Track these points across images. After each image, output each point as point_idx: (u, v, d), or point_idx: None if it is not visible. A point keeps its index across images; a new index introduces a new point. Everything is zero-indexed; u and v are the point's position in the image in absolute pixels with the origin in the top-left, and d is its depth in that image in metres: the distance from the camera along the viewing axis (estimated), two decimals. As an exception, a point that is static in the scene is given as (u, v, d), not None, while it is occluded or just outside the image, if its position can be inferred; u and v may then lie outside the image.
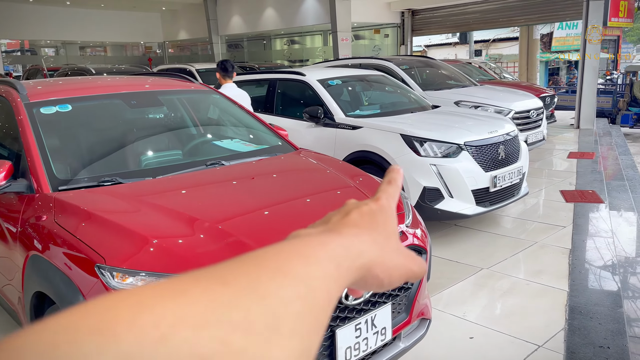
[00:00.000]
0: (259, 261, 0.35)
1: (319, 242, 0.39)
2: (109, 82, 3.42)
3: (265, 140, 3.37)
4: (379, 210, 0.47)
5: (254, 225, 2.19)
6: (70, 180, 2.49)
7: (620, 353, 2.85)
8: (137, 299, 0.28)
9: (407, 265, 0.45)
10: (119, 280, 1.86)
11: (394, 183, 0.51)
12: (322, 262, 0.37)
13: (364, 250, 0.42)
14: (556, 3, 14.44)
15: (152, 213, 2.21)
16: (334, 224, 0.44)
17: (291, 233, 0.44)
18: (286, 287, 0.33)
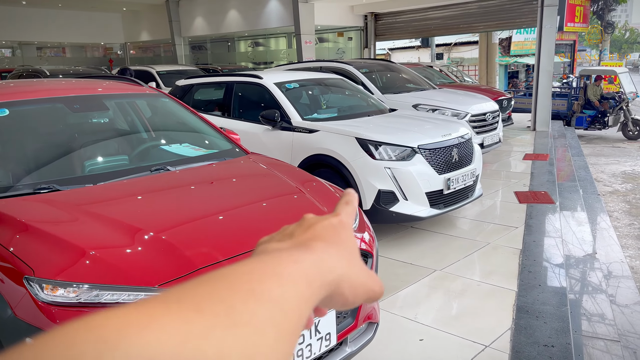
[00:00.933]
0: (231, 282, 0.34)
1: (292, 260, 0.38)
2: (51, 86, 3.31)
3: (215, 144, 3.33)
4: (340, 225, 0.47)
5: (189, 230, 2.15)
6: (4, 188, 2.40)
7: (564, 351, 2.93)
8: (99, 334, 0.26)
9: (369, 285, 0.45)
10: (49, 292, 1.80)
11: (350, 204, 0.51)
12: (295, 281, 0.37)
13: (334, 266, 0.41)
14: (513, 11, 14.88)
15: (89, 222, 2.15)
16: (301, 237, 0.43)
17: (259, 245, 0.44)
18: (260, 313, 0.32)
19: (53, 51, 24.66)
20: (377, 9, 17.45)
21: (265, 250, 0.42)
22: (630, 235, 5.96)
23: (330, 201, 2.64)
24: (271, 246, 0.43)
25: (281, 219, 2.40)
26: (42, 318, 1.75)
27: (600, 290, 4.07)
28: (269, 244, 0.44)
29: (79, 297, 1.79)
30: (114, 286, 1.82)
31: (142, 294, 1.82)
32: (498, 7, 15.15)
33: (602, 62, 23.50)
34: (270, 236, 0.46)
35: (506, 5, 14.99)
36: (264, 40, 21.17)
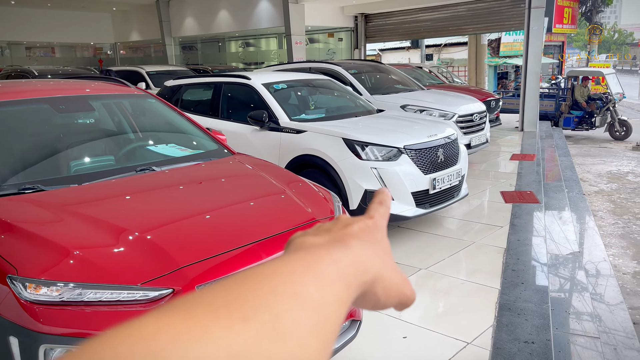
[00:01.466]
0: (274, 284, 0.34)
1: (331, 259, 0.38)
2: (37, 86, 3.33)
3: (201, 144, 3.35)
4: (374, 226, 0.46)
5: (173, 230, 2.19)
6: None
7: (544, 347, 2.98)
8: (154, 346, 0.26)
9: (402, 288, 0.45)
10: (32, 291, 1.82)
11: (384, 204, 0.50)
12: (334, 284, 0.37)
13: (370, 265, 0.41)
14: (502, 13, 15.04)
15: (73, 221, 2.17)
16: (338, 233, 0.43)
17: (293, 239, 0.43)
18: (303, 321, 0.32)
19: (42, 51, 24.50)
20: (367, 10, 17.52)
21: (302, 245, 0.41)
22: (614, 234, 6.06)
23: (315, 202, 2.68)
24: (308, 240, 0.42)
25: (266, 219, 2.43)
26: (26, 316, 1.78)
27: (582, 288, 4.14)
28: (305, 237, 0.43)
29: (62, 295, 1.81)
30: (96, 285, 1.84)
31: (125, 292, 1.85)
32: (487, 10, 15.30)
33: (590, 64, 23.74)
34: (305, 232, 0.46)
35: (494, 8, 15.14)
36: (254, 40, 21.17)
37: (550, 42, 23.79)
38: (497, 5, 15.07)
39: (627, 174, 9.22)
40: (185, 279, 1.92)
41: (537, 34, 10.97)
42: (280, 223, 2.40)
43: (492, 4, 15.12)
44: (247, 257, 2.10)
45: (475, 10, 15.49)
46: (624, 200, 7.51)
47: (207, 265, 1.99)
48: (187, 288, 1.90)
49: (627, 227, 6.30)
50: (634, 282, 4.81)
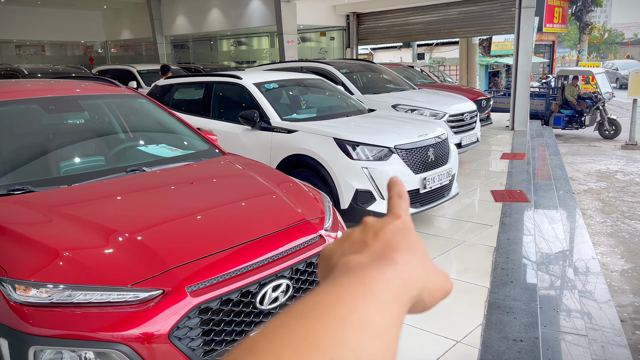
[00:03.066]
0: (340, 314, 0.35)
1: (384, 279, 0.39)
2: (26, 86, 3.31)
3: (192, 145, 3.36)
4: (405, 227, 0.46)
5: (163, 231, 2.19)
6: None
7: (532, 345, 3.02)
8: None
9: (444, 285, 0.45)
10: (21, 292, 1.82)
11: (403, 197, 0.49)
12: (392, 305, 0.37)
13: (417, 278, 0.42)
14: (493, 17, 15.14)
15: (62, 223, 2.17)
16: (377, 247, 0.43)
17: (335, 257, 0.43)
18: (375, 353, 0.34)
19: (32, 49, 24.30)
20: (359, 9, 17.54)
21: (349, 265, 0.41)
22: (602, 233, 6.12)
23: (306, 202, 2.69)
24: (353, 260, 0.41)
25: (256, 219, 2.45)
26: (15, 318, 1.78)
27: (571, 286, 4.18)
28: (349, 257, 0.42)
29: (51, 297, 1.82)
30: (86, 286, 1.85)
31: (115, 293, 1.85)
32: (478, 13, 15.39)
33: (580, 63, 23.91)
34: (339, 245, 0.45)
35: (486, 12, 15.23)
36: (246, 39, 21.14)
37: (540, 42, 23.94)
38: (488, 9, 15.17)
39: (616, 172, 9.31)
40: (175, 280, 1.92)
41: (527, 33, 11.04)
42: (271, 224, 2.41)
43: (483, 7, 15.21)
44: (238, 257, 2.11)
45: (466, 14, 15.58)
46: (613, 198, 7.59)
47: (197, 266, 2.00)
48: (177, 289, 1.90)
49: (616, 226, 6.37)
50: (622, 279, 4.87)
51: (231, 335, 2.03)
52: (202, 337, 1.95)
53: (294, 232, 2.40)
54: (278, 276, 2.18)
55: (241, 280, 2.05)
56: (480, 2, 15.23)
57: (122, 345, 1.79)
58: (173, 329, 1.85)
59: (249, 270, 2.10)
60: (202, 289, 1.95)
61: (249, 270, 2.10)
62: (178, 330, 1.88)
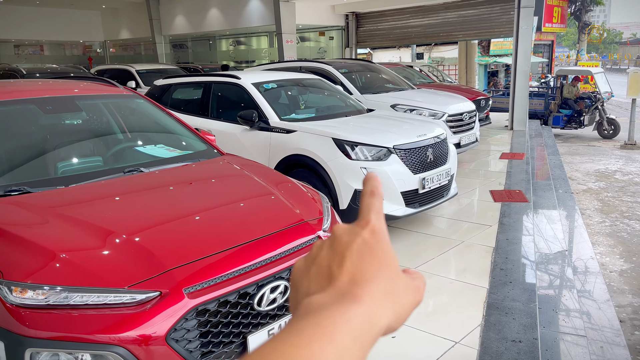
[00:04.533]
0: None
1: (344, 320, 0.38)
2: (23, 86, 3.30)
3: (190, 145, 3.35)
4: (374, 240, 0.44)
5: (161, 232, 2.18)
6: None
7: (531, 346, 3.01)
8: None
9: (414, 300, 0.44)
10: (18, 294, 1.81)
11: (376, 193, 0.47)
12: (351, 347, 0.37)
13: (384, 311, 0.41)
14: (492, 20, 15.15)
15: (59, 224, 2.16)
16: (342, 281, 0.42)
17: (300, 297, 0.42)
18: None
19: (30, 49, 24.25)
20: (358, 8, 17.53)
21: (310, 307, 0.40)
22: (601, 233, 6.12)
23: (304, 203, 2.69)
24: (315, 301, 0.40)
25: (255, 220, 2.44)
26: (12, 320, 1.77)
27: (570, 287, 4.18)
28: (311, 298, 0.41)
29: (48, 299, 1.81)
30: (83, 288, 1.84)
31: (112, 295, 1.84)
32: (477, 16, 15.40)
33: (580, 63, 23.92)
34: (306, 268, 0.44)
35: (484, 15, 15.24)
36: (245, 39, 21.12)
37: (539, 41, 23.95)
38: (486, 12, 15.17)
39: (615, 172, 9.31)
40: (173, 282, 1.92)
41: (526, 33, 11.03)
42: (269, 224, 2.40)
43: (482, 10, 15.22)
44: (236, 259, 2.10)
45: (465, 17, 15.59)
46: (612, 198, 7.59)
47: (194, 268, 1.99)
48: (175, 291, 1.89)
49: (615, 226, 6.37)
50: (620, 280, 4.86)
51: (229, 337, 2.02)
52: (200, 339, 1.94)
53: (293, 233, 2.39)
54: (276, 277, 2.17)
55: (239, 281, 2.05)
56: (479, 5, 15.25)
57: (119, 348, 1.78)
58: (170, 331, 1.85)
59: (247, 272, 2.09)
60: (199, 291, 1.94)
61: (247, 271, 2.09)
62: (175, 332, 1.87)
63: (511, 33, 13.64)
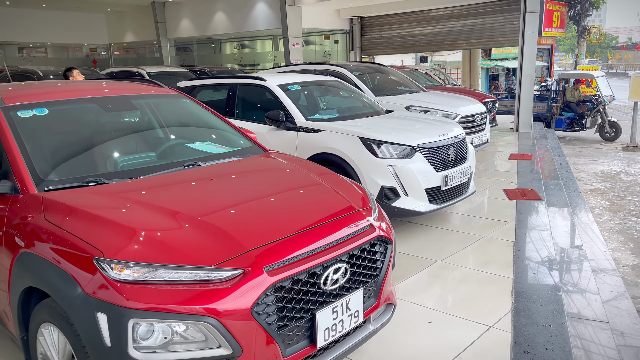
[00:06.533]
0: None
1: None
2: (82, 87, 3.49)
3: (236, 142, 3.54)
4: None
5: (234, 214, 2.39)
6: (55, 181, 2.59)
7: (560, 330, 3.22)
8: None
9: None
10: (117, 271, 2.00)
11: None
12: None
13: None
14: (496, 30, 15.45)
15: (144, 210, 2.36)
16: None
17: None
18: None
19: (34, 51, 24.37)
20: (363, 12, 17.80)
21: None
22: (612, 230, 6.34)
23: (351, 193, 2.89)
24: None
25: (312, 207, 2.65)
26: (114, 294, 1.96)
27: (588, 279, 4.38)
28: None
29: (145, 275, 2.00)
30: (175, 265, 2.03)
31: (201, 272, 2.04)
32: (481, 25, 15.68)
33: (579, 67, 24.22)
34: None
35: (489, 24, 15.52)
36: (250, 42, 21.34)
37: (539, 46, 24.23)
38: (491, 22, 15.46)
39: (620, 173, 9.56)
40: (254, 261, 2.11)
41: (531, 37, 11.29)
42: (326, 212, 2.60)
43: (487, 20, 15.51)
44: (304, 241, 2.30)
45: (469, 26, 15.87)
46: (619, 197, 7.82)
47: (271, 249, 2.18)
48: (256, 269, 2.09)
49: (624, 223, 6.60)
50: (633, 273, 5.08)
51: (300, 312, 2.22)
52: (277, 313, 2.14)
53: (347, 220, 2.59)
54: (338, 260, 2.37)
55: (308, 262, 2.24)
56: (483, 15, 15.54)
57: (211, 318, 1.97)
58: (254, 305, 2.04)
59: (314, 254, 2.29)
60: (276, 269, 2.14)
61: (314, 253, 2.29)
62: (257, 306, 2.06)
63: (514, 42, 13.92)
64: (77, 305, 2.04)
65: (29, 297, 2.42)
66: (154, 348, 1.98)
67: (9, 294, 2.48)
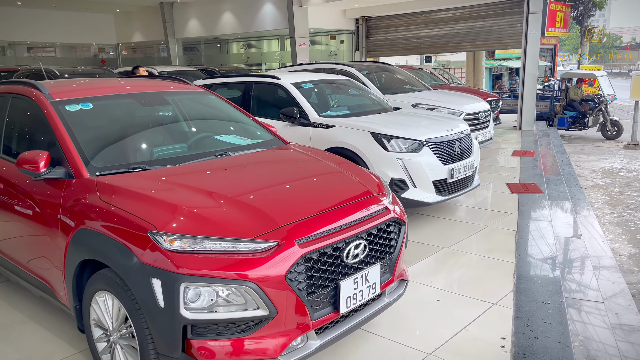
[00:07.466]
0: None
1: None
2: (119, 84, 3.80)
3: (259, 135, 3.84)
4: None
5: (266, 195, 2.71)
6: (103, 167, 2.89)
7: (558, 307, 3.51)
8: None
9: None
10: (169, 243, 2.30)
11: None
12: None
13: None
14: (499, 32, 15.75)
15: (187, 192, 2.66)
16: None
17: None
18: None
19: (42, 51, 24.73)
20: (369, 13, 18.09)
21: None
22: (611, 222, 6.62)
23: (368, 180, 3.19)
24: None
25: (334, 190, 2.95)
26: (167, 262, 2.25)
27: (586, 265, 4.67)
28: None
29: (194, 246, 2.30)
30: (219, 238, 2.33)
31: (242, 244, 2.34)
32: (485, 28, 15.98)
33: (582, 67, 24.44)
34: None
35: (492, 27, 15.82)
36: (256, 42, 21.65)
37: (542, 45, 24.45)
38: (494, 24, 15.75)
39: (620, 170, 9.82)
40: (286, 235, 2.41)
41: (534, 37, 11.56)
42: (346, 195, 2.90)
43: (490, 22, 15.81)
44: (328, 219, 2.59)
45: (473, 29, 16.18)
46: (618, 193, 8.10)
47: (300, 225, 2.48)
48: (288, 241, 2.39)
49: (622, 217, 6.87)
50: (630, 262, 5.36)
51: (326, 281, 2.52)
52: (306, 281, 2.43)
53: (366, 202, 2.89)
54: (358, 237, 2.67)
55: (333, 237, 2.54)
56: (487, 17, 15.84)
57: (251, 283, 2.27)
58: (287, 273, 2.34)
59: (337, 231, 2.58)
60: (306, 243, 2.43)
61: (338, 230, 2.59)
62: (290, 274, 2.36)
63: (517, 44, 14.20)
64: (134, 272, 2.34)
65: (82, 272, 2.73)
66: (201, 309, 2.28)
67: (63, 269, 2.79)
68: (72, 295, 2.80)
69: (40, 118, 3.17)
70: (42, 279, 3.10)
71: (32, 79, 3.92)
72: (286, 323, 2.38)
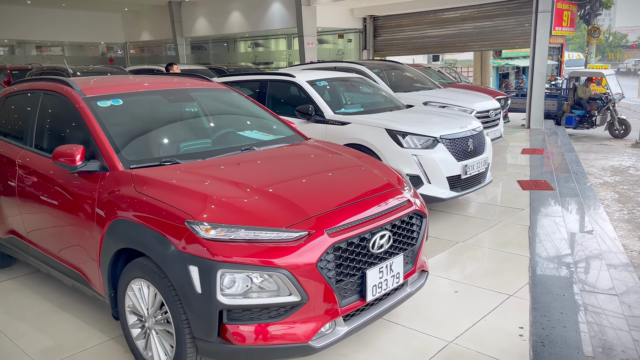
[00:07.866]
0: None
1: None
2: (145, 81, 3.91)
3: (280, 131, 3.94)
4: None
5: (294, 187, 2.81)
6: (136, 160, 3.00)
7: (573, 298, 3.60)
8: None
9: None
10: (205, 232, 2.41)
11: None
12: None
13: None
14: (507, 32, 15.81)
15: (219, 184, 2.76)
16: None
17: None
18: None
19: (49, 50, 24.91)
20: (376, 12, 18.17)
21: None
22: (621, 219, 6.69)
23: (389, 174, 3.29)
24: None
25: (357, 182, 3.06)
26: (203, 250, 2.36)
27: (598, 259, 4.75)
28: None
29: (229, 235, 2.40)
30: (253, 227, 2.44)
31: (275, 233, 2.44)
32: (492, 28, 16.04)
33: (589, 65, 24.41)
34: None
35: (500, 27, 15.88)
36: (263, 41, 21.76)
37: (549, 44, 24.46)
38: (502, 24, 15.81)
39: (629, 168, 9.88)
40: (316, 225, 2.51)
41: (543, 36, 11.61)
42: (370, 188, 3.00)
43: (498, 22, 15.87)
44: (355, 210, 2.70)
45: (481, 29, 16.24)
46: (628, 190, 8.16)
47: (330, 215, 2.58)
48: (319, 231, 2.49)
49: (632, 214, 6.94)
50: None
51: (353, 270, 2.62)
52: (335, 270, 2.53)
53: (389, 195, 2.98)
54: (383, 228, 2.77)
55: (360, 228, 2.64)
56: (494, 17, 15.90)
57: (284, 270, 2.37)
58: (318, 261, 2.44)
59: (364, 222, 2.68)
60: (334, 233, 2.53)
61: (364, 221, 2.69)
62: (320, 262, 2.45)
63: (525, 44, 14.26)
64: (171, 260, 2.44)
65: (117, 260, 2.84)
66: (236, 295, 2.38)
67: (99, 258, 2.90)
68: (107, 284, 2.91)
69: (73, 114, 3.28)
70: (76, 269, 3.21)
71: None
72: (316, 309, 2.48)
